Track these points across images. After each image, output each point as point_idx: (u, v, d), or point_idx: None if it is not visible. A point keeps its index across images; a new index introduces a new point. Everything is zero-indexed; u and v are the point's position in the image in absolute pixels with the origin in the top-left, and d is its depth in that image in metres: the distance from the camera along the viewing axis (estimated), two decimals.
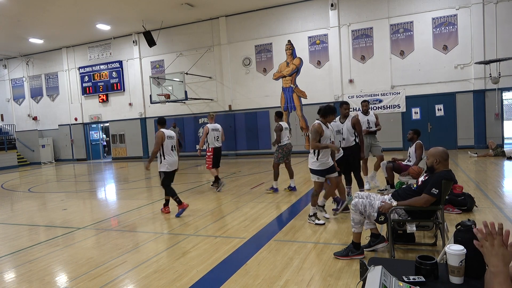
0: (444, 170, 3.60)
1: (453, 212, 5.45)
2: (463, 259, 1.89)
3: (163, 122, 6.69)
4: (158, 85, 16.70)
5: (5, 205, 8.94)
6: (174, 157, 6.54)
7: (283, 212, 6.35)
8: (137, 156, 20.10)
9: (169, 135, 6.53)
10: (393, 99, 15.05)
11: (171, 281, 3.69)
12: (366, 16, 15.19)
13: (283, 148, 7.88)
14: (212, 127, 8.74)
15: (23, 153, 21.35)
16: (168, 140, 6.48)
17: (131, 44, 19.73)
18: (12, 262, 4.66)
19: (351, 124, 6.24)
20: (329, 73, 15.98)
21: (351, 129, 6.25)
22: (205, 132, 8.72)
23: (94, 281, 3.83)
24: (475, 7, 13.67)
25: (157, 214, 6.85)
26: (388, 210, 3.69)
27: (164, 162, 6.43)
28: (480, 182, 7.81)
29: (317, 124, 5.12)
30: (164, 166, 6.44)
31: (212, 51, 18.01)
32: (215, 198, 7.88)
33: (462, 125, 14.27)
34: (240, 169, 12.71)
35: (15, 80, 23.42)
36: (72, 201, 8.74)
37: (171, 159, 6.48)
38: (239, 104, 17.75)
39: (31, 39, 19.09)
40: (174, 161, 6.54)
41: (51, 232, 6.03)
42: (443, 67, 14.26)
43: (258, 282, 3.55)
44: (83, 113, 21.55)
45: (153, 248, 4.82)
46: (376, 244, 4.07)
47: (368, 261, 2.21)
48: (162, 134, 6.41)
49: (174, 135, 6.71)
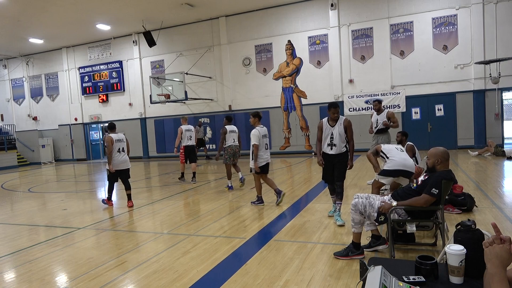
0: (444, 170, 3.60)
1: (453, 212, 5.45)
2: (463, 259, 1.90)
3: (112, 127, 7.71)
4: (158, 85, 16.71)
5: (5, 205, 8.94)
6: (121, 158, 7.46)
7: (283, 212, 6.34)
8: (137, 156, 20.10)
9: (117, 138, 7.47)
10: (393, 99, 15.05)
11: (171, 281, 3.69)
12: (366, 16, 15.19)
13: (227, 149, 8.54)
14: (185, 128, 10.02)
15: (23, 153, 21.35)
16: (116, 143, 7.40)
17: (131, 44, 19.74)
18: (12, 262, 4.66)
19: (344, 127, 5.41)
20: (329, 73, 15.98)
21: (343, 133, 5.43)
22: (179, 132, 9.92)
23: (94, 281, 3.83)
24: (475, 7, 13.67)
25: (157, 214, 6.86)
26: (388, 210, 3.69)
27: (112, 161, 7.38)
28: (480, 182, 7.81)
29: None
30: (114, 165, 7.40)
31: (212, 51, 18.01)
32: (215, 198, 7.88)
33: (462, 125, 14.27)
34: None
35: (15, 80, 23.43)
36: (72, 201, 8.74)
37: (118, 159, 7.40)
38: (239, 104, 17.75)
39: (31, 39, 19.09)
40: (121, 161, 7.45)
41: (51, 232, 6.03)
42: (443, 67, 14.27)
43: (258, 282, 3.55)
44: (83, 113, 21.56)
45: (153, 248, 4.82)
46: (377, 246, 4.08)
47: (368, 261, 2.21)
48: (111, 138, 7.37)
49: (123, 137, 7.62)
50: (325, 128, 5.46)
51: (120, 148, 7.43)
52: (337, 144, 5.41)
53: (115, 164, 7.35)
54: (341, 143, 5.43)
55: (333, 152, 5.44)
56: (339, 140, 5.41)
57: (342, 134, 5.41)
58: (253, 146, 6.56)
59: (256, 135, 6.57)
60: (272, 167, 13.01)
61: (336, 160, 5.46)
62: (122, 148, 7.46)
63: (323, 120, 5.55)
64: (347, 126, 5.41)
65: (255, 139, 6.56)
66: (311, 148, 16.43)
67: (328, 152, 5.48)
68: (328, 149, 5.48)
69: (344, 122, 5.41)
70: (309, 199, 7.16)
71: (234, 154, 8.62)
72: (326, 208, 6.30)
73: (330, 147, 5.46)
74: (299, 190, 8.20)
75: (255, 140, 6.55)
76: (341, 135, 5.41)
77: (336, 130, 5.40)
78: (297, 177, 10.26)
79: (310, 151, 16.35)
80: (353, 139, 5.51)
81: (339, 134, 5.40)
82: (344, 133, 5.42)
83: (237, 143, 8.70)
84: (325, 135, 5.45)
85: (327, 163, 5.53)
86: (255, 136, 6.57)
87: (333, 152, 5.44)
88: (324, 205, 6.54)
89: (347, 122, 5.44)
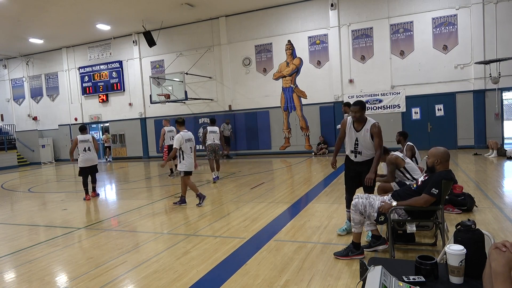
0: (444, 170, 3.61)
1: (453, 212, 5.45)
2: (463, 259, 1.90)
3: (82, 129, 8.78)
4: (158, 85, 16.71)
5: (5, 205, 8.94)
6: (88, 156, 8.59)
7: (283, 212, 6.34)
8: (137, 156, 20.11)
9: (83, 139, 8.55)
10: (393, 99, 15.05)
11: (171, 281, 3.69)
12: (366, 16, 15.19)
13: (208, 147, 10.08)
14: (168, 129, 11.38)
15: (23, 153, 21.35)
16: (82, 143, 8.51)
17: (131, 44, 19.74)
18: (12, 262, 4.66)
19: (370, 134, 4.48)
20: (329, 73, 15.98)
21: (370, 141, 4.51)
22: (162, 133, 11.34)
23: (94, 281, 3.83)
24: (475, 7, 13.67)
25: (157, 214, 6.86)
26: (388, 210, 3.69)
27: (80, 159, 8.59)
28: (480, 182, 7.81)
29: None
30: (81, 163, 8.58)
31: (212, 51, 18.01)
32: (215, 198, 7.88)
33: (462, 125, 14.27)
34: (240, 169, 12.71)
35: (15, 80, 23.42)
36: (72, 201, 8.74)
37: (84, 157, 8.55)
38: (239, 104, 17.75)
39: (31, 39, 19.09)
40: (87, 159, 8.58)
41: (51, 232, 6.03)
42: (443, 67, 14.26)
43: (258, 282, 3.55)
44: (83, 113, 21.56)
45: (153, 248, 4.82)
46: (377, 246, 4.08)
47: (368, 261, 2.21)
48: (76, 139, 8.57)
49: (89, 138, 8.63)
50: (349, 130, 4.61)
51: (86, 148, 8.57)
52: (362, 152, 4.56)
53: (83, 160, 8.56)
54: (367, 151, 4.54)
55: (358, 160, 4.62)
56: (365, 148, 4.53)
57: (368, 141, 4.49)
58: (174, 149, 7.16)
59: (179, 139, 7.08)
60: (272, 167, 13.02)
61: (364, 168, 4.56)
62: (86, 147, 8.58)
63: (348, 118, 4.67)
64: (375, 133, 4.43)
65: (176, 143, 7.10)
66: (311, 148, 16.43)
67: (351, 158, 4.69)
68: (352, 155, 4.68)
69: (371, 129, 4.45)
70: (309, 199, 7.15)
71: (214, 150, 10.05)
72: (326, 208, 6.30)
73: (354, 154, 4.64)
74: (299, 190, 8.20)
75: (176, 144, 7.10)
76: (367, 143, 4.50)
77: (361, 136, 4.51)
78: (297, 177, 10.26)
79: (310, 151, 16.35)
80: (380, 149, 4.46)
81: (364, 142, 4.51)
82: (370, 141, 4.47)
83: (217, 142, 10.14)
84: (349, 139, 4.64)
85: (350, 169, 4.75)
86: (177, 140, 7.11)
87: (358, 160, 4.62)
88: (324, 205, 6.54)
89: (375, 128, 4.44)
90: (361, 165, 4.61)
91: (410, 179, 4.82)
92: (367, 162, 4.55)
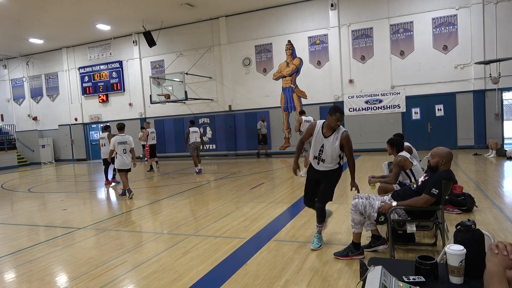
0: (445, 171, 3.61)
1: (453, 212, 5.45)
2: (463, 259, 1.90)
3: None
4: (158, 85, 16.70)
5: (5, 205, 8.94)
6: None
7: (283, 212, 6.34)
8: (137, 156, 20.07)
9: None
10: (393, 99, 15.06)
11: (171, 281, 3.70)
12: (366, 16, 15.19)
13: (191, 145, 11.62)
14: (151, 130, 13.54)
15: (23, 153, 21.35)
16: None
17: (131, 44, 19.74)
18: (12, 262, 4.66)
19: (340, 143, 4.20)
20: (329, 73, 15.98)
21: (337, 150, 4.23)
22: (145, 134, 13.39)
23: (94, 281, 3.83)
24: (475, 7, 13.67)
25: (157, 214, 6.86)
26: (388, 210, 3.69)
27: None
28: (480, 182, 7.81)
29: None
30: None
31: (212, 51, 18.01)
32: (215, 198, 7.88)
33: (462, 125, 14.27)
34: (240, 169, 12.71)
35: (15, 80, 23.43)
36: (72, 201, 8.74)
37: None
38: (239, 104, 17.76)
39: (31, 39, 19.09)
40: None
41: (51, 232, 6.03)
42: (443, 67, 14.27)
43: (258, 282, 3.55)
44: (83, 113, 21.56)
45: (153, 248, 4.82)
46: (377, 246, 4.08)
47: (368, 261, 2.21)
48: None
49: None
50: (317, 134, 4.32)
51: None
52: (325, 160, 4.27)
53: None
54: (331, 160, 4.26)
55: (319, 168, 4.35)
56: (330, 157, 4.24)
57: (335, 150, 4.20)
58: (110, 150, 8.73)
59: (112, 142, 8.47)
60: (272, 167, 13.01)
61: (323, 179, 4.34)
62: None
63: (317, 122, 4.41)
64: (345, 143, 4.19)
65: (111, 145, 8.55)
66: None
67: (314, 165, 4.40)
68: (314, 162, 4.38)
69: (341, 137, 4.18)
70: None
71: (196, 148, 11.71)
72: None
73: (317, 161, 4.34)
74: (299, 190, 8.19)
75: (111, 146, 8.52)
76: (334, 151, 4.21)
77: (329, 144, 4.22)
78: (297, 177, 10.25)
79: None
80: (353, 157, 4.29)
81: (331, 149, 4.21)
82: (338, 150, 4.20)
83: (199, 140, 11.73)
84: (314, 144, 4.34)
85: (311, 177, 4.48)
86: (111, 143, 8.52)
87: (319, 168, 4.35)
88: None
89: (345, 138, 4.18)
90: (321, 174, 4.35)
91: (413, 181, 4.74)
92: (327, 173, 4.32)
